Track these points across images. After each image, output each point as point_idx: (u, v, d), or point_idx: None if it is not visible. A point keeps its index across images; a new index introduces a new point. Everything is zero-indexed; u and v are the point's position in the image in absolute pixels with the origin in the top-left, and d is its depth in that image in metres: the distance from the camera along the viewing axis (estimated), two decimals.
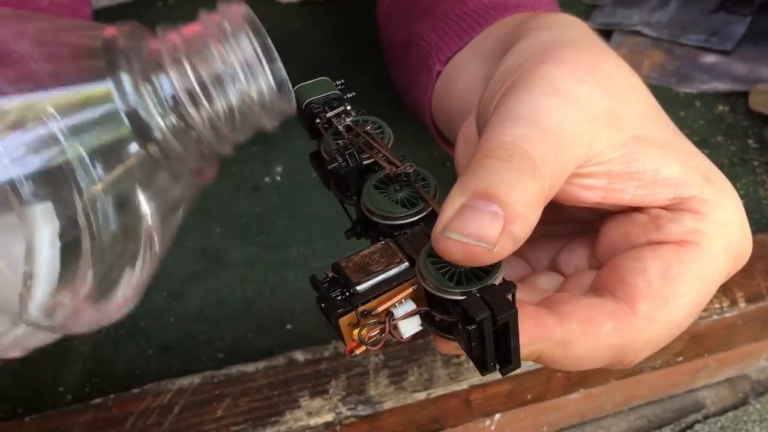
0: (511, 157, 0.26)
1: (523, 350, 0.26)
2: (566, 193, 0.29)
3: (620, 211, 0.30)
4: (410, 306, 0.26)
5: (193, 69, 0.23)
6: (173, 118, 0.23)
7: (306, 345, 0.42)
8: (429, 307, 0.26)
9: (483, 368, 0.25)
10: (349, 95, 0.32)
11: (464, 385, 0.40)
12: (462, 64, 0.41)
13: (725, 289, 0.44)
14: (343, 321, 0.25)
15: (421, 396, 0.40)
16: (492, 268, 0.25)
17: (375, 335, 0.26)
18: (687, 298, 0.28)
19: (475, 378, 0.40)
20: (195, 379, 0.39)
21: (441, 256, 0.25)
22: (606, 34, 0.65)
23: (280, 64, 0.23)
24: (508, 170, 0.25)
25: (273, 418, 0.38)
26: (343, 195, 0.31)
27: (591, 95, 0.28)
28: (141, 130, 0.23)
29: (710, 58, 0.62)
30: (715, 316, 0.43)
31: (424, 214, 0.28)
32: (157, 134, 0.23)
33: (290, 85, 0.24)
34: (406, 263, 0.26)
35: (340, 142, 0.30)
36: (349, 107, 0.31)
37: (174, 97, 0.23)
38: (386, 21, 0.54)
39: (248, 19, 0.24)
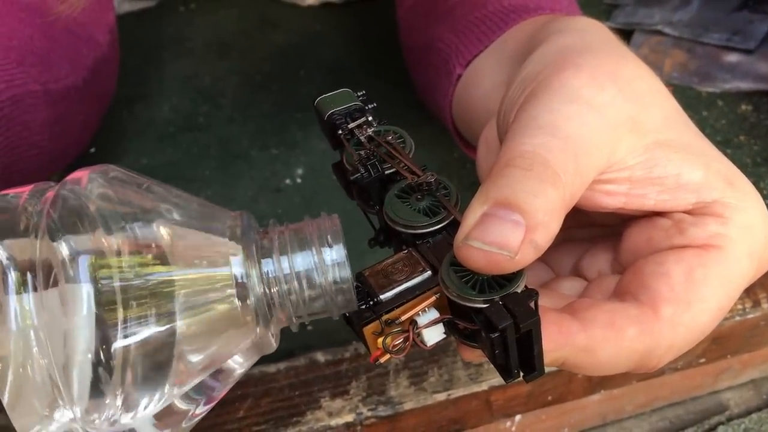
0: (532, 166, 0.26)
1: (547, 357, 0.26)
2: (588, 200, 0.29)
3: (643, 216, 0.30)
4: (434, 314, 0.26)
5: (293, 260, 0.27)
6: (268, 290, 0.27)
7: (327, 346, 0.42)
8: (452, 315, 0.26)
9: (507, 375, 0.26)
10: (370, 106, 0.32)
11: (484, 386, 0.40)
12: (482, 67, 0.41)
13: (748, 291, 0.44)
14: (368, 330, 0.26)
15: (441, 397, 0.40)
16: (514, 276, 0.25)
17: (399, 343, 0.26)
18: (710, 302, 0.28)
19: (496, 379, 0.40)
20: None
21: (463, 264, 0.25)
22: (627, 33, 0.65)
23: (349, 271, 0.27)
24: (529, 179, 0.25)
25: (294, 419, 0.38)
26: (365, 204, 0.31)
27: (611, 101, 0.28)
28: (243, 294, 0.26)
29: (733, 57, 0.61)
30: (737, 318, 0.43)
31: (445, 222, 0.28)
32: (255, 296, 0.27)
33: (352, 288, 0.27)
34: (429, 272, 0.27)
35: (362, 152, 0.30)
36: (370, 118, 0.32)
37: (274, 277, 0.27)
38: (406, 24, 0.54)
39: (339, 230, 0.28)
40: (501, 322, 0.23)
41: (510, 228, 0.24)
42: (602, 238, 0.33)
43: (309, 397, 0.39)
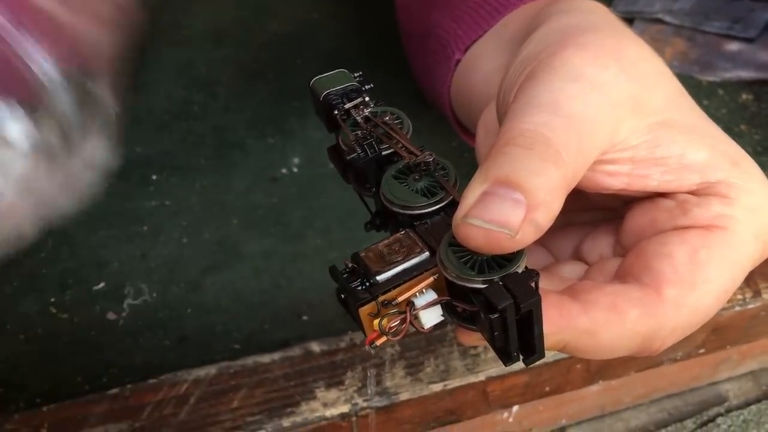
0: (533, 145, 0.25)
1: (548, 340, 0.25)
2: (590, 180, 0.28)
3: (646, 197, 0.29)
4: (431, 296, 0.26)
5: None
6: None
7: (322, 336, 0.42)
8: (450, 296, 0.25)
9: (506, 358, 0.25)
10: (367, 86, 0.31)
11: (481, 377, 0.40)
12: (481, 52, 0.41)
13: (748, 280, 0.43)
14: (363, 311, 0.25)
15: (438, 387, 0.39)
16: (514, 256, 0.24)
17: (396, 325, 0.25)
18: (715, 283, 0.27)
19: (493, 369, 0.40)
20: (211, 370, 0.39)
21: (462, 243, 0.24)
22: (627, 22, 0.64)
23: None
24: (530, 157, 0.25)
25: (289, 409, 0.38)
26: (362, 187, 0.30)
27: (614, 80, 0.28)
28: None
29: (733, 46, 0.61)
30: (737, 308, 0.43)
31: (444, 203, 0.27)
32: None
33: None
34: (427, 253, 0.26)
35: (359, 132, 0.30)
36: (367, 98, 0.31)
37: None
38: (405, 12, 0.54)
39: None
40: (501, 302, 0.23)
41: (510, 206, 0.24)
42: (603, 221, 0.32)
43: (304, 387, 0.39)
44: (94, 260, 0.48)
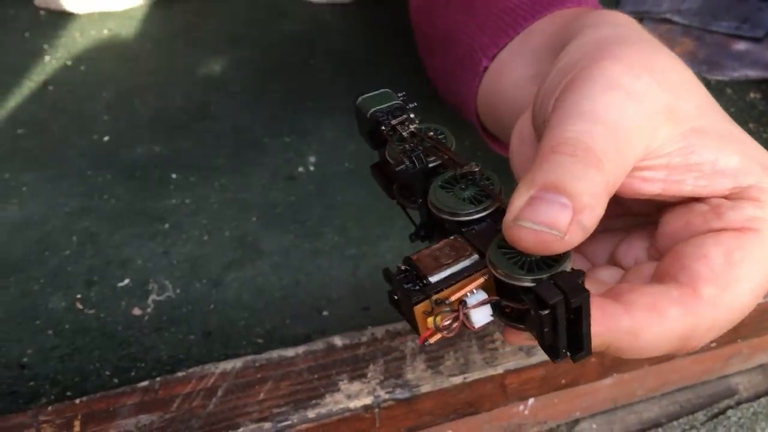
0: (576, 152, 0.27)
1: (592, 341, 0.26)
2: (627, 186, 0.29)
3: (679, 202, 0.31)
4: (482, 296, 0.27)
5: None
6: None
7: (343, 331, 0.43)
8: (500, 296, 0.27)
9: (554, 355, 0.26)
10: (411, 105, 0.33)
11: (499, 370, 0.41)
12: (508, 60, 0.41)
13: None
14: (418, 309, 0.26)
15: (457, 380, 0.40)
16: (561, 258, 0.26)
17: (448, 323, 0.26)
18: (750, 282, 0.28)
19: (511, 362, 0.41)
20: (237, 363, 0.40)
21: (513, 244, 0.26)
22: None
23: None
24: (574, 164, 0.26)
25: (314, 401, 0.39)
26: (407, 200, 0.32)
27: (648, 90, 0.29)
28: None
29: (741, 46, 0.62)
30: None
31: (490, 210, 0.28)
32: None
33: None
34: (476, 255, 0.27)
35: (406, 146, 0.31)
36: (412, 115, 0.32)
37: None
38: (422, 15, 0.54)
39: None
40: (552, 298, 0.24)
41: (558, 209, 0.25)
42: (636, 227, 0.33)
43: (328, 380, 0.40)
44: (118, 258, 0.49)
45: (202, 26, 0.70)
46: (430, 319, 0.26)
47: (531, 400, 0.44)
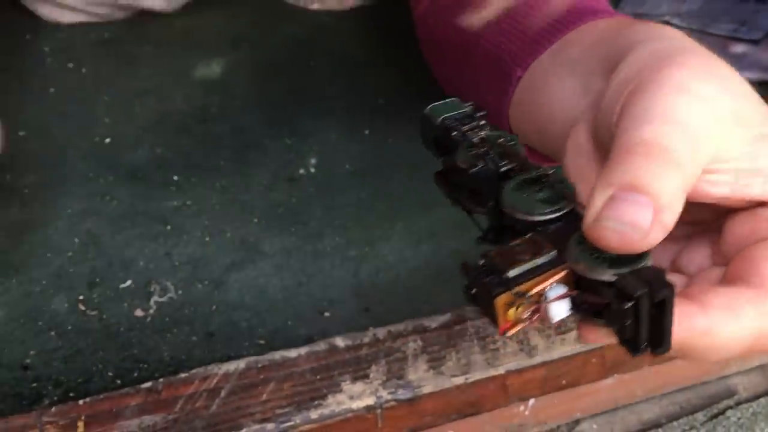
0: (652, 152, 0.27)
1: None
2: (695, 189, 0.30)
3: (743, 208, 0.31)
4: (561, 290, 0.27)
5: None
6: None
7: (344, 332, 0.43)
8: (580, 291, 0.27)
9: (634, 350, 0.26)
10: (479, 113, 0.33)
11: (501, 370, 0.41)
12: (542, 70, 0.41)
13: None
14: (499, 301, 0.26)
15: (459, 381, 0.41)
16: (641, 255, 0.26)
17: (528, 316, 0.27)
18: None
19: (512, 363, 0.41)
20: (240, 364, 0.40)
21: (595, 243, 0.26)
22: None
23: None
24: (651, 164, 0.27)
25: (316, 402, 0.39)
26: (476, 203, 0.32)
27: (716, 95, 0.29)
28: None
29: (739, 48, 0.62)
30: None
31: (565, 211, 0.29)
32: None
33: None
34: (554, 252, 0.27)
35: (478, 150, 0.31)
36: (482, 122, 0.33)
37: None
38: (430, 20, 0.54)
39: None
40: (637, 290, 0.24)
41: (639, 209, 0.26)
42: (696, 235, 0.34)
43: (330, 381, 0.40)
44: (120, 259, 0.49)
45: (202, 29, 0.71)
46: (511, 311, 0.26)
47: (532, 401, 0.44)
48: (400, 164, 0.57)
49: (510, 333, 0.27)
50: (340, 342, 0.42)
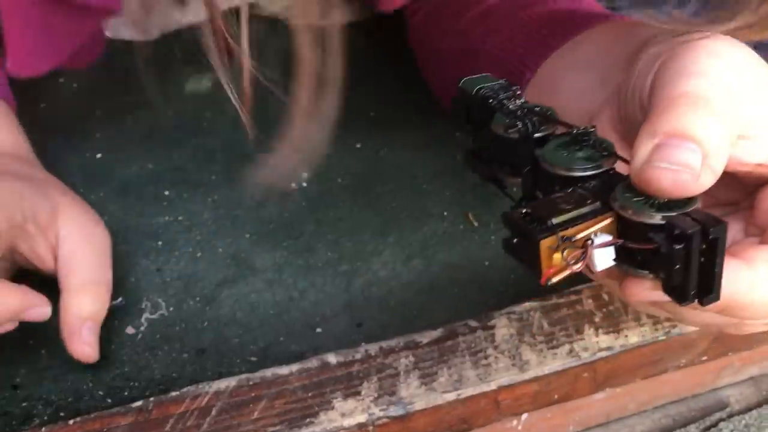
0: (696, 103, 0.27)
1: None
2: (730, 157, 0.30)
3: None
4: (607, 237, 0.26)
5: None
6: None
7: (336, 348, 0.43)
8: (625, 239, 0.26)
9: (682, 298, 0.26)
10: (514, 87, 0.33)
11: (493, 386, 0.41)
12: (555, 70, 0.42)
13: None
14: (544, 244, 0.26)
15: (451, 397, 0.41)
16: (688, 201, 0.26)
17: (573, 262, 0.26)
18: None
19: (504, 378, 0.41)
20: (231, 382, 0.40)
21: (645, 187, 0.26)
22: None
23: None
24: (696, 113, 0.27)
25: (308, 420, 0.39)
26: (510, 174, 0.31)
27: (748, 61, 0.30)
28: None
29: None
30: None
31: (606, 168, 0.28)
32: None
33: None
34: (598, 202, 0.27)
35: (516, 114, 0.31)
36: (518, 93, 0.32)
37: None
38: (427, 30, 0.54)
39: None
40: (689, 229, 0.24)
41: (689, 153, 0.26)
42: (729, 215, 0.34)
43: (322, 398, 0.40)
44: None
45: (193, 41, 0.70)
46: (557, 255, 0.26)
47: (524, 416, 0.44)
48: (392, 178, 0.57)
49: (554, 280, 0.26)
50: (332, 358, 0.42)
